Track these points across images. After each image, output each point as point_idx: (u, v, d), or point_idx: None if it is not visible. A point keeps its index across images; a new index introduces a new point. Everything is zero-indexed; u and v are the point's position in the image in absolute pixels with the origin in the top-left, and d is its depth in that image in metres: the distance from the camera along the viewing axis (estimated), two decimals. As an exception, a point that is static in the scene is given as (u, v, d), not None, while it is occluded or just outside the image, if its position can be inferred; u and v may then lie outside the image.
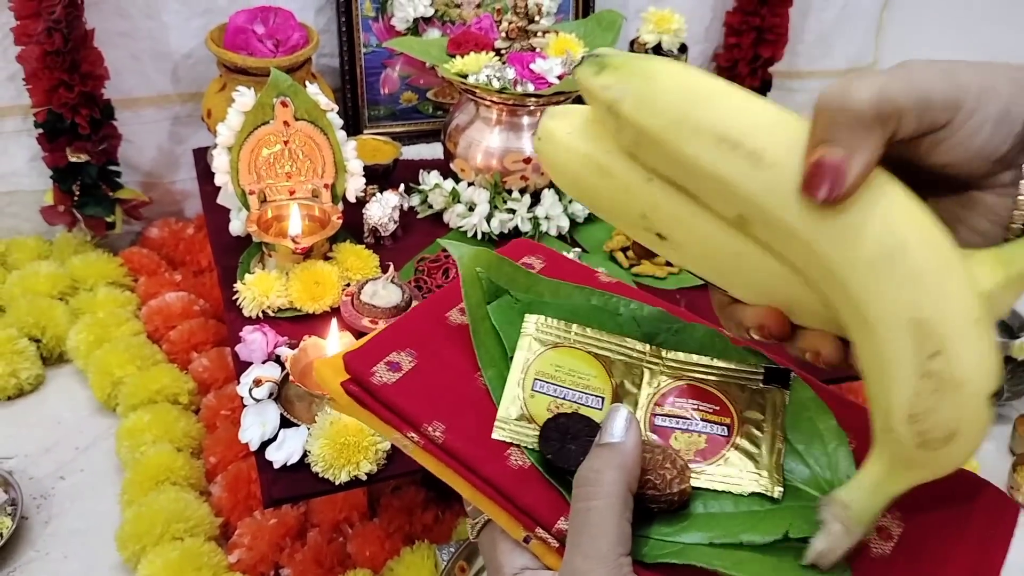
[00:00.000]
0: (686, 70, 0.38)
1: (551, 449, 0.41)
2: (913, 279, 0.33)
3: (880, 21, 1.58)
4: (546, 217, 1.10)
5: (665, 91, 0.37)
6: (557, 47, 1.07)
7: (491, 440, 0.42)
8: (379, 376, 0.44)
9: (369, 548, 0.88)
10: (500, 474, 0.41)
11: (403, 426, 0.43)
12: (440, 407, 0.43)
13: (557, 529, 0.39)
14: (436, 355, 0.46)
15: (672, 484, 0.39)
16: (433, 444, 0.42)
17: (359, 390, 0.44)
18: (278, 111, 0.96)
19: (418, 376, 0.45)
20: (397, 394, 0.43)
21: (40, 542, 0.93)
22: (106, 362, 1.06)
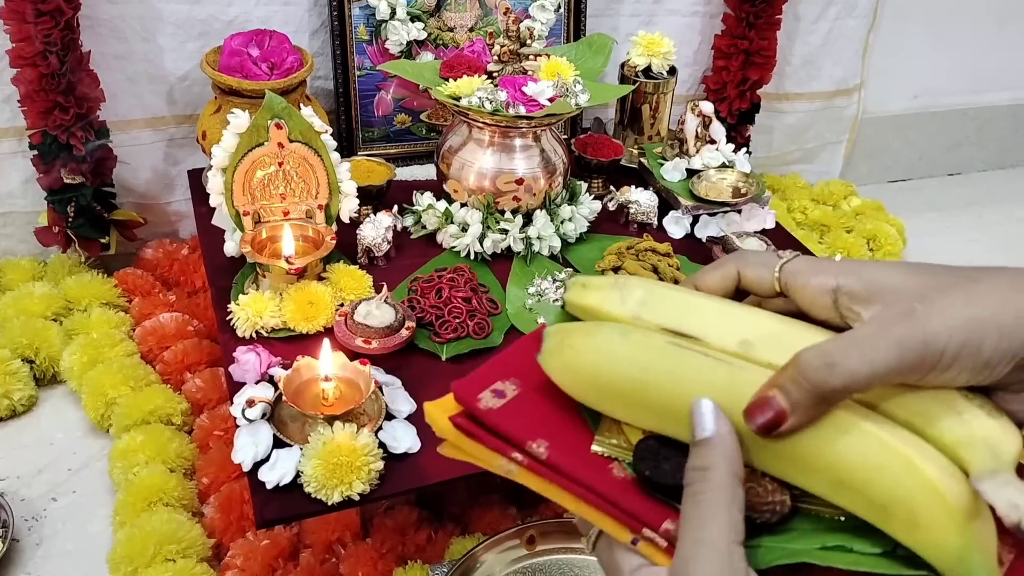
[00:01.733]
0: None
1: (647, 467, 0.42)
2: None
3: (866, 44, 1.61)
4: (538, 237, 1.11)
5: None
6: (548, 70, 1.08)
7: (592, 456, 0.44)
8: (485, 402, 0.45)
9: (362, 569, 0.88)
10: (604, 483, 0.42)
11: (507, 448, 0.44)
12: (542, 428, 0.44)
13: (664, 529, 0.40)
14: (539, 384, 0.47)
15: (773, 494, 0.39)
16: (537, 461, 0.43)
17: (465, 420, 0.45)
18: (272, 133, 0.97)
19: (521, 402, 0.46)
20: (501, 417, 0.45)
21: (32, 564, 0.93)
22: (99, 383, 1.06)
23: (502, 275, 1.08)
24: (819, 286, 0.42)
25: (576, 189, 1.17)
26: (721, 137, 1.25)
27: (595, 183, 1.27)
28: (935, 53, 1.72)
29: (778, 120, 1.62)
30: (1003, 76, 1.81)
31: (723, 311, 0.45)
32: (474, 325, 0.98)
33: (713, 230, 1.18)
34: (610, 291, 0.47)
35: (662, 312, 0.46)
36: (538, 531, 0.87)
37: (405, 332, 0.94)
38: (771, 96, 1.55)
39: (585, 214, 1.16)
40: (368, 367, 0.85)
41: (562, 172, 1.13)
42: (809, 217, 1.58)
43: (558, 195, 1.14)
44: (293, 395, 0.82)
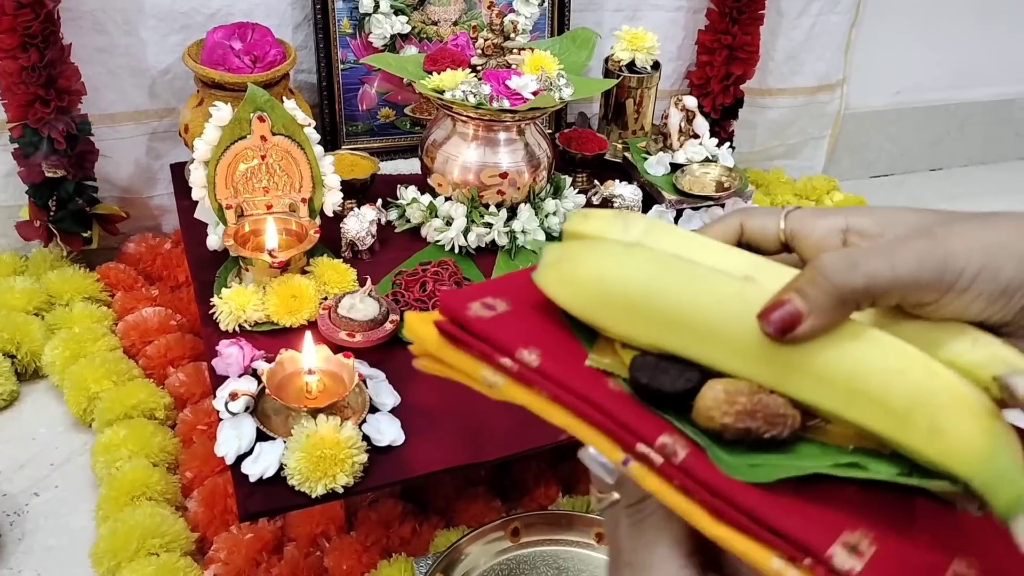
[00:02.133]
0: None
1: (645, 376, 0.39)
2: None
3: (848, 39, 1.62)
4: (522, 231, 1.11)
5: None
6: (532, 64, 1.08)
7: (587, 369, 0.41)
8: (474, 311, 0.42)
9: (346, 562, 0.88)
10: (599, 395, 0.39)
11: (495, 355, 0.41)
12: (534, 338, 0.41)
13: (660, 444, 0.37)
14: (530, 305, 0.44)
15: (784, 407, 0.37)
16: (528, 369, 0.40)
17: (451, 326, 0.42)
18: (255, 126, 0.97)
19: (512, 317, 0.43)
20: (491, 326, 0.42)
21: (14, 560, 0.92)
22: (82, 377, 1.06)
23: (487, 269, 1.09)
24: (828, 227, 0.41)
25: (560, 183, 1.17)
26: (704, 132, 1.26)
27: (579, 177, 1.27)
28: (917, 49, 1.73)
29: (761, 115, 1.63)
30: (984, 72, 1.83)
31: (728, 250, 0.43)
32: (458, 318, 0.98)
33: (697, 224, 1.18)
34: (613, 220, 0.45)
35: (665, 244, 0.43)
36: (522, 523, 0.87)
37: (389, 326, 0.94)
38: (754, 91, 1.56)
39: (569, 208, 1.16)
40: (352, 360, 0.85)
41: (546, 166, 1.13)
42: (792, 212, 1.59)
43: (542, 189, 1.14)
44: (276, 388, 0.82)
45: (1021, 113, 1.91)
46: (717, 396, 0.37)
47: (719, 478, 0.36)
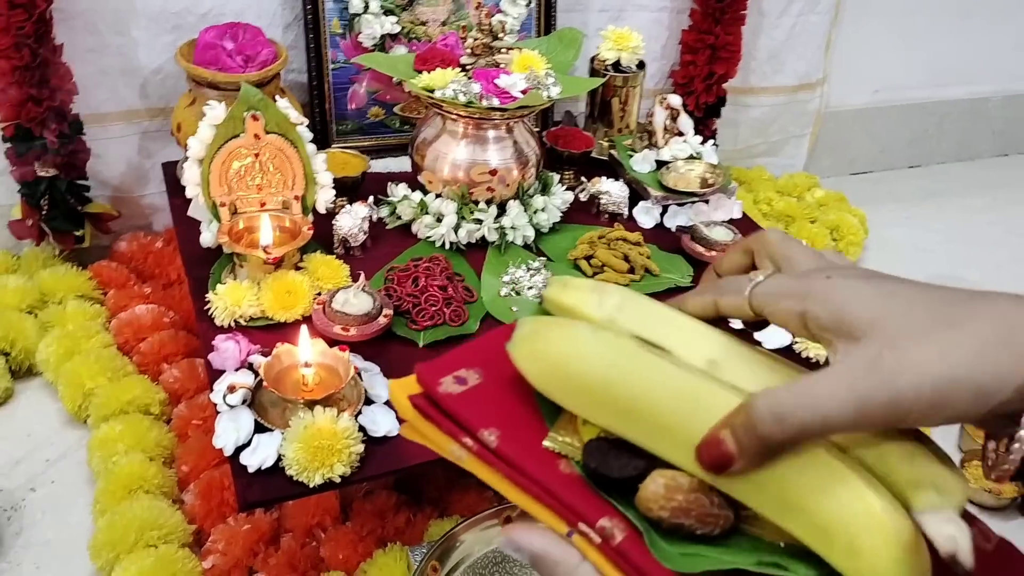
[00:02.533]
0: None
1: (595, 460, 0.42)
2: None
3: (829, 39, 1.65)
4: (512, 227, 1.13)
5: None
6: (521, 63, 1.10)
7: (542, 450, 0.44)
8: (445, 387, 0.46)
9: (342, 551, 0.90)
10: (549, 477, 0.43)
11: (460, 433, 0.45)
12: (496, 417, 0.45)
13: (600, 527, 0.40)
14: (501, 376, 0.48)
15: (719, 507, 0.40)
16: (486, 449, 0.44)
17: (423, 402, 0.46)
18: (248, 124, 0.98)
19: (481, 391, 0.47)
20: (459, 404, 0.46)
21: (12, 554, 0.93)
22: (76, 374, 1.07)
23: (477, 264, 1.11)
24: (787, 311, 0.41)
25: (548, 180, 1.20)
26: (689, 129, 1.29)
27: (567, 175, 1.30)
28: (895, 49, 1.77)
29: (744, 114, 1.66)
30: (962, 71, 1.87)
31: (696, 328, 0.46)
32: (450, 313, 1.00)
33: (682, 219, 1.21)
34: (589, 293, 0.49)
35: (636, 320, 0.47)
36: (515, 512, 0.89)
37: (383, 320, 0.96)
38: (737, 90, 1.59)
39: (558, 204, 1.18)
40: (347, 353, 0.86)
41: (535, 163, 1.15)
42: (774, 208, 1.62)
43: (531, 186, 1.16)
44: (273, 381, 0.84)
45: (997, 111, 1.95)
46: (657, 491, 0.40)
47: (650, 563, 0.39)
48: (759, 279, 0.43)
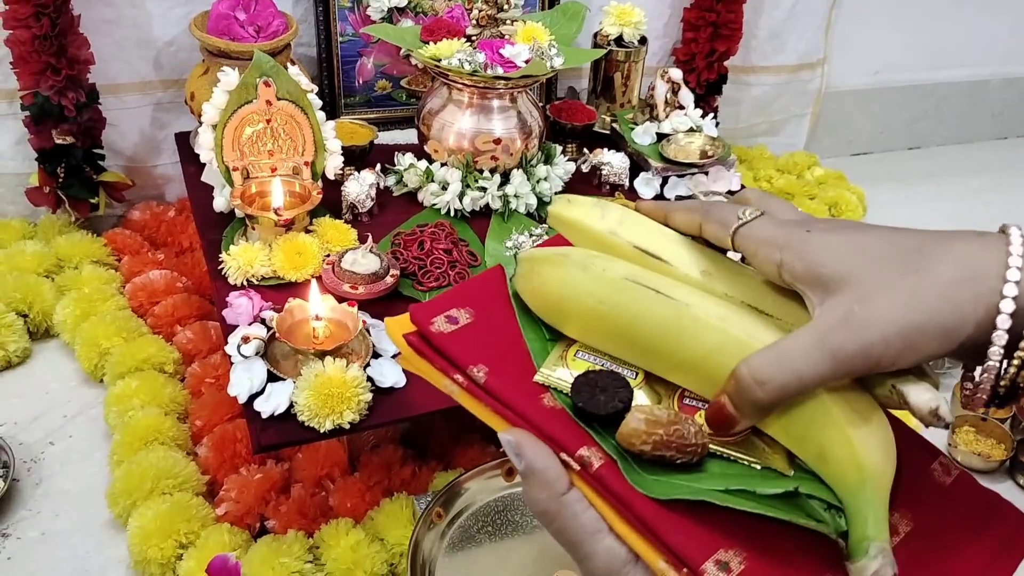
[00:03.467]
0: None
1: (582, 398, 0.45)
2: None
3: (829, 18, 1.67)
4: (515, 195, 1.16)
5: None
6: (525, 35, 1.13)
7: (528, 384, 0.47)
8: (437, 326, 0.50)
9: (350, 500, 0.93)
10: (532, 411, 0.46)
11: (451, 369, 0.48)
12: (486, 355, 0.48)
13: (579, 456, 0.44)
14: (491, 315, 0.51)
15: (696, 436, 0.43)
16: (475, 385, 0.47)
17: (417, 340, 0.50)
18: (261, 91, 1.01)
19: (471, 330, 0.50)
20: (450, 342, 0.49)
21: (32, 502, 0.97)
22: (93, 334, 1.10)
23: (481, 231, 1.14)
24: (765, 258, 0.43)
25: (551, 151, 1.23)
26: (689, 103, 1.31)
27: (569, 147, 1.32)
28: (895, 30, 1.79)
29: (745, 92, 1.68)
30: (961, 53, 1.89)
31: (690, 243, 0.50)
32: (455, 275, 1.03)
33: (682, 190, 1.24)
34: (592, 208, 0.52)
35: (636, 233, 0.50)
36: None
37: (390, 279, 0.99)
38: (738, 69, 1.61)
39: (560, 174, 1.21)
40: (355, 308, 0.90)
41: (538, 134, 1.18)
42: (774, 185, 1.65)
43: (534, 156, 1.19)
44: (286, 333, 0.87)
45: (996, 93, 1.97)
46: (638, 427, 0.43)
47: (625, 487, 0.42)
48: (746, 217, 0.45)
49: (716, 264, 0.49)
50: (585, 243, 0.52)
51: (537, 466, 0.44)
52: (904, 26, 1.79)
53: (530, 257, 0.51)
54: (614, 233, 0.50)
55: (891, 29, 1.78)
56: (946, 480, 0.46)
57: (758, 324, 0.45)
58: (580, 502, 0.44)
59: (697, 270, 0.48)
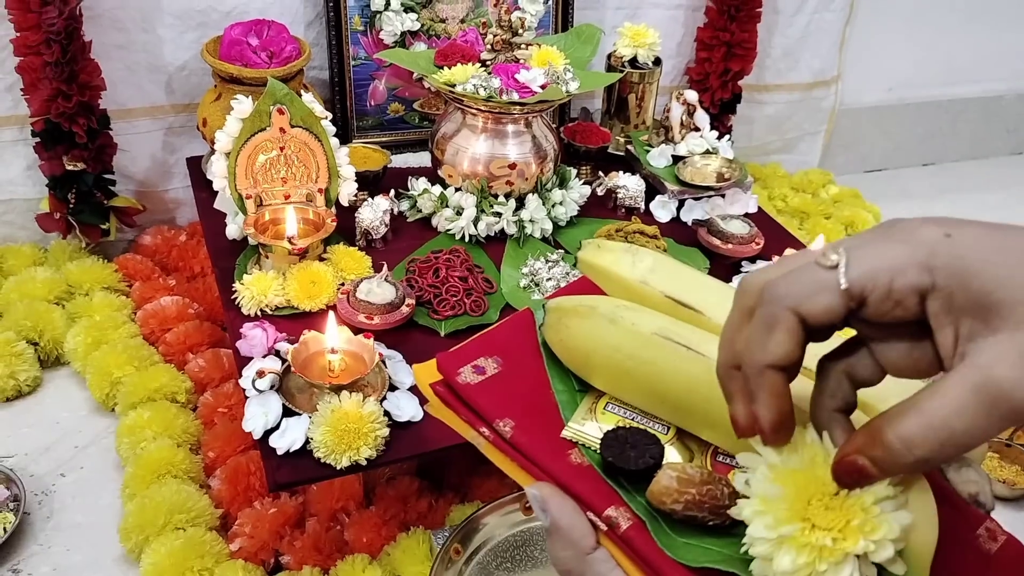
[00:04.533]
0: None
1: (611, 452, 0.44)
2: None
3: (843, 36, 1.66)
4: (530, 220, 1.15)
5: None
6: (540, 59, 1.12)
7: (556, 440, 0.46)
8: (464, 377, 0.48)
9: (366, 535, 0.92)
10: (559, 468, 0.45)
11: (477, 422, 0.47)
12: (513, 408, 0.47)
13: (606, 516, 0.42)
14: (519, 365, 0.50)
15: (727, 498, 0.41)
16: (501, 439, 0.46)
17: (444, 390, 0.49)
18: (275, 118, 1.00)
19: (499, 381, 0.49)
20: (477, 393, 0.48)
21: (43, 536, 0.95)
22: (104, 363, 1.09)
23: (496, 256, 1.12)
24: (906, 287, 0.32)
25: (566, 175, 1.21)
26: (705, 125, 1.30)
27: (584, 169, 1.31)
28: (909, 47, 1.78)
29: (759, 111, 1.67)
30: (975, 69, 1.87)
31: (724, 290, 0.48)
32: (471, 303, 1.02)
33: (698, 213, 1.22)
34: (623, 254, 0.51)
35: (668, 282, 0.49)
36: (535, 497, 0.91)
37: (406, 309, 0.98)
38: (752, 87, 1.60)
39: (575, 198, 1.20)
40: (372, 340, 0.88)
41: (552, 158, 1.17)
42: (789, 204, 1.63)
43: (549, 180, 1.18)
44: (301, 367, 0.86)
45: (1011, 109, 1.95)
46: (670, 485, 0.41)
47: (654, 550, 0.41)
48: (838, 256, 0.33)
49: None
50: (615, 290, 0.50)
51: (563, 523, 0.43)
52: (918, 43, 1.78)
53: (558, 307, 0.50)
54: (645, 282, 0.49)
55: (905, 46, 1.77)
56: (992, 547, 0.44)
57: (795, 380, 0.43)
58: (607, 562, 0.42)
59: None
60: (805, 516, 0.37)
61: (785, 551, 0.37)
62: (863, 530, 0.36)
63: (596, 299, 0.49)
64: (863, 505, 0.36)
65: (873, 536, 0.36)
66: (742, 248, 1.13)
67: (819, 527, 0.36)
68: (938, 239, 0.31)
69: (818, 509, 0.37)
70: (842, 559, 0.36)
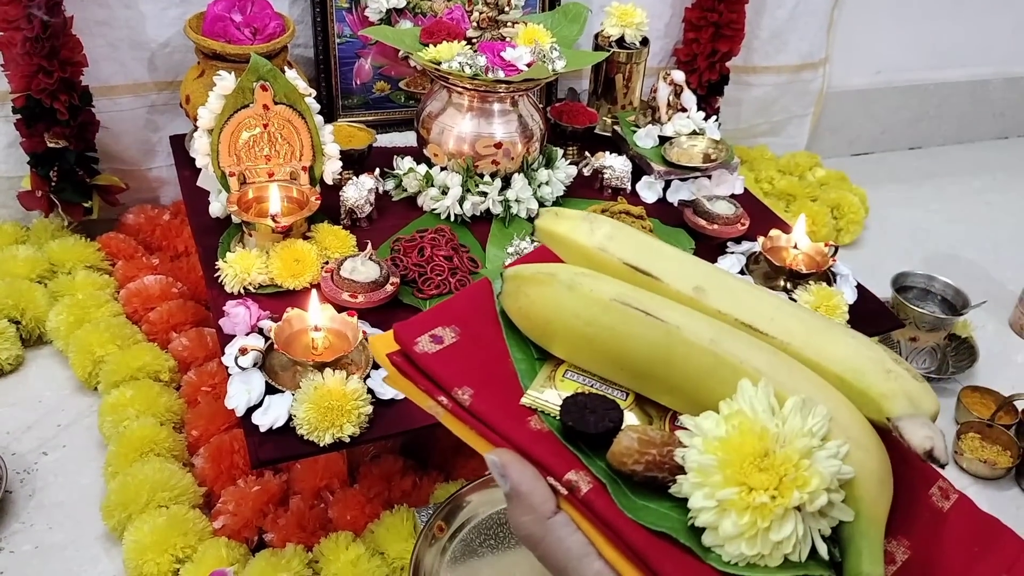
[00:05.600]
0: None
1: (571, 417, 0.44)
2: None
3: (831, 18, 1.66)
4: (516, 200, 1.14)
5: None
6: (526, 37, 1.11)
7: (515, 407, 0.46)
8: (421, 346, 0.48)
9: (350, 513, 0.92)
10: (519, 434, 0.45)
11: (435, 391, 0.47)
12: (471, 376, 0.47)
13: (566, 480, 0.42)
14: (477, 335, 0.50)
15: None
16: (460, 407, 0.46)
17: (401, 359, 0.48)
18: (258, 95, 0.99)
19: (457, 350, 0.48)
20: (434, 362, 0.47)
21: (25, 514, 0.95)
22: (87, 341, 1.08)
23: (481, 236, 1.12)
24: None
25: (552, 155, 1.21)
26: (692, 105, 1.30)
27: (570, 150, 1.31)
28: (897, 30, 1.78)
29: (746, 93, 1.67)
30: (961, 54, 1.88)
31: (682, 257, 0.48)
32: (456, 282, 1.02)
33: (684, 194, 1.22)
34: (581, 222, 0.50)
35: (626, 248, 0.48)
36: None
37: (390, 287, 0.97)
38: (739, 69, 1.59)
39: (561, 178, 1.19)
40: (355, 318, 0.88)
41: (539, 138, 1.16)
42: (776, 187, 1.63)
43: (535, 160, 1.17)
44: (284, 344, 0.85)
45: (998, 93, 1.96)
46: (631, 446, 0.42)
47: (614, 513, 0.41)
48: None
49: (709, 279, 0.47)
50: (574, 259, 0.50)
51: (523, 489, 0.43)
52: (906, 26, 1.78)
53: (516, 275, 0.49)
54: (603, 249, 0.48)
55: (893, 29, 1.77)
56: (945, 505, 0.44)
57: (751, 346, 0.43)
58: (567, 526, 0.43)
59: (689, 286, 0.47)
60: (740, 480, 0.38)
61: (727, 515, 0.38)
62: (796, 483, 0.38)
63: (555, 267, 0.48)
64: (792, 461, 0.38)
65: (807, 488, 0.37)
66: (728, 229, 1.13)
67: (755, 488, 0.38)
68: None
69: (751, 471, 0.38)
70: (783, 514, 0.37)
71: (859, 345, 0.44)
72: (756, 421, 0.39)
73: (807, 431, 0.39)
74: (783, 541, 0.38)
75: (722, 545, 0.39)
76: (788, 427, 0.39)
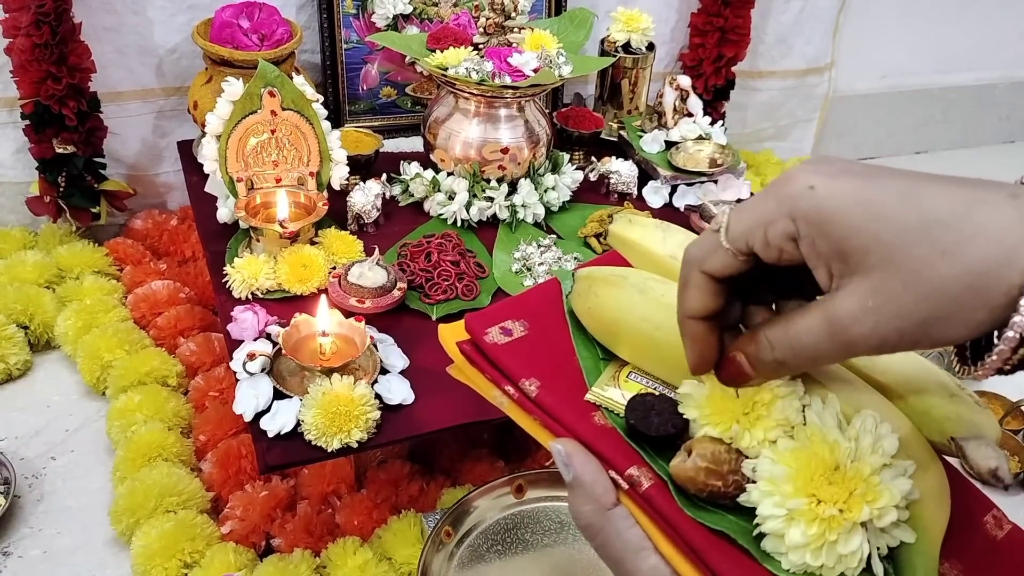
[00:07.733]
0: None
1: (635, 416, 0.44)
2: None
3: (837, 23, 1.66)
4: (523, 205, 1.14)
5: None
6: (533, 42, 1.12)
7: (579, 402, 0.47)
8: (491, 337, 0.49)
9: (357, 518, 0.92)
10: (583, 427, 0.45)
11: (502, 380, 0.48)
12: (538, 369, 0.48)
13: (628, 474, 0.43)
14: (546, 329, 0.51)
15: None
16: (526, 398, 0.47)
17: (471, 349, 0.49)
18: (266, 101, 1.00)
19: (525, 343, 0.50)
20: (503, 353, 0.49)
21: (33, 519, 0.95)
22: (95, 346, 1.09)
23: (488, 241, 1.12)
24: (776, 235, 0.36)
25: (559, 159, 1.21)
26: (698, 110, 1.30)
27: (577, 154, 1.31)
28: (902, 34, 1.78)
29: (752, 97, 1.67)
30: (968, 58, 1.88)
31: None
32: (463, 287, 1.02)
33: (691, 199, 1.22)
34: (653, 229, 0.51)
35: None
36: (526, 480, 0.91)
37: (397, 292, 0.97)
38: (745, 74, 1.60)
39: (568, 183, 1.20)
40: (363, 324, 0.88)
41: (545, 143, 1.17)
42: (782, 191, 1.63)
43: (542, 165, 1.18)
44: (292, 349, 0.86)
45: (1004, 97, 1.95)
46: (695, 477, 0.42)
47: (674, 510, 0.42)
48: (723, 220, 0.38)
49: None
50: (644, 264, 0.51)
51: (586, 479, 0.44)
52: (911, 30, 1.78)
53: (588, 276, 0.50)
54: (675, 257, 0.49)
55: (898, 33, 1.77)
56: (998, 533, 0.45)
57: None
58: (626, 519, 0.43)
59: None
60: (810, 492, 0.39)
61: (795, 525, 0.38)
62: (866, 498, 0.38)
63: (626, 270, 0.49)
64: (863, 476, 0.38)
65: (876, 504, 0.38)
66: (734, 233, 1.13)
67: (825, 500, 0.38)
68: (802, 192, 0.36)
69: (821, 484, 0.39)
70: (851, 528, 0.37)
71: (923, 367, 0.44)
72: (828, 435, 0.40)
73: (877, 448, 0.39)
74: (848, 555, 0.38)
75: (785, 553, 0.39)
76: (859, 443, 0.39)
